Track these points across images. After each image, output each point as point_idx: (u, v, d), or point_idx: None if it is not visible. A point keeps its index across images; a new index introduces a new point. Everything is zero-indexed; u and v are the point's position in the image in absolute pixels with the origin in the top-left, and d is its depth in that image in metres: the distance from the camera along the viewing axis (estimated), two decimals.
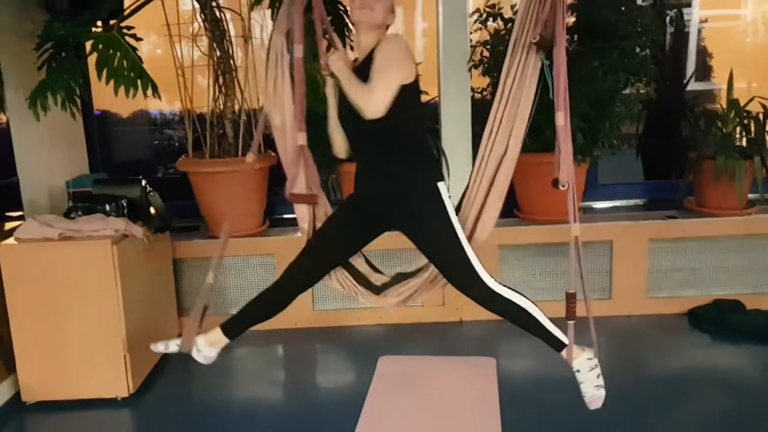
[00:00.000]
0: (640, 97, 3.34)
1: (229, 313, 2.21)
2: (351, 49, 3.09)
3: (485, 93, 3.53)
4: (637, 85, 3.31)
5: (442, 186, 2.00)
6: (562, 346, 2.00)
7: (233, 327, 2.16)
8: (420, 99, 2.08)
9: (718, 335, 3.18)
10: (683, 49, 4.30)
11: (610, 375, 2.06)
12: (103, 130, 4.06)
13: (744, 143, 3.48)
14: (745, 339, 3.11)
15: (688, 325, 3.33)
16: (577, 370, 2.00)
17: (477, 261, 1.99)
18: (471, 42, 3.44)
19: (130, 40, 2.94)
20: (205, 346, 2.14)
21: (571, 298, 1.90)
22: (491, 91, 3.44)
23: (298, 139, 2.12)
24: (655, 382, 2.76)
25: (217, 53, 3.28)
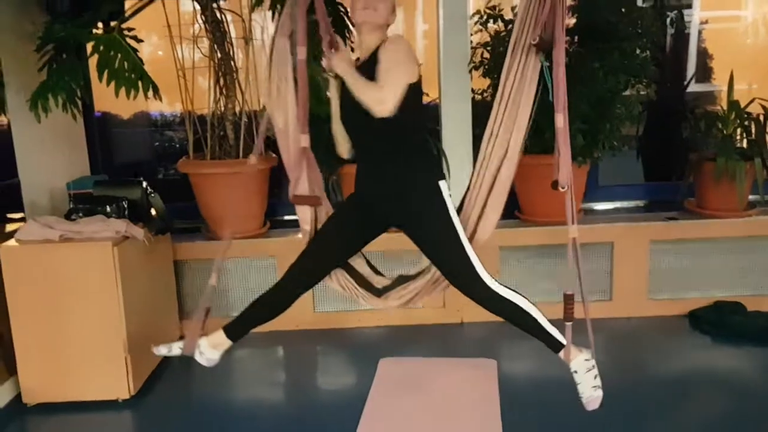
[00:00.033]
0: (640, 98, 3.35)
1: (230, 315, 2.21)
2: (352, 50, 3.09)
3: (486, 94, 3.53)
4: (638, 86, 3.31)
5: (443, 185, 2.00)
6: (560, 347, 2.00)
7: (236, 329, 2.16)
8: (422, 100, 2.08)
9: (718, 337, 3.19)
10: (684, 50, 4.29)
11: (611, 376, 2.06)
12: (103, 132, 4.06)
13: (744, 145, 3.48)
14: (746, 341, 3.12)
15: (689, 326, 3.34)
16: (575, 371, 1.99)
17: (478, 261, 1.99)
18: (471, 43, 3.45)
19: (130, 41, 2.94)
20: (208, 349, 2.14)
21: (568, 300, 1.90)
22: (492, 92, 3.44)
23: (301, 141, 2.10)
24: (655, 384, 2.76)
25: (218, 55, 3.28)
